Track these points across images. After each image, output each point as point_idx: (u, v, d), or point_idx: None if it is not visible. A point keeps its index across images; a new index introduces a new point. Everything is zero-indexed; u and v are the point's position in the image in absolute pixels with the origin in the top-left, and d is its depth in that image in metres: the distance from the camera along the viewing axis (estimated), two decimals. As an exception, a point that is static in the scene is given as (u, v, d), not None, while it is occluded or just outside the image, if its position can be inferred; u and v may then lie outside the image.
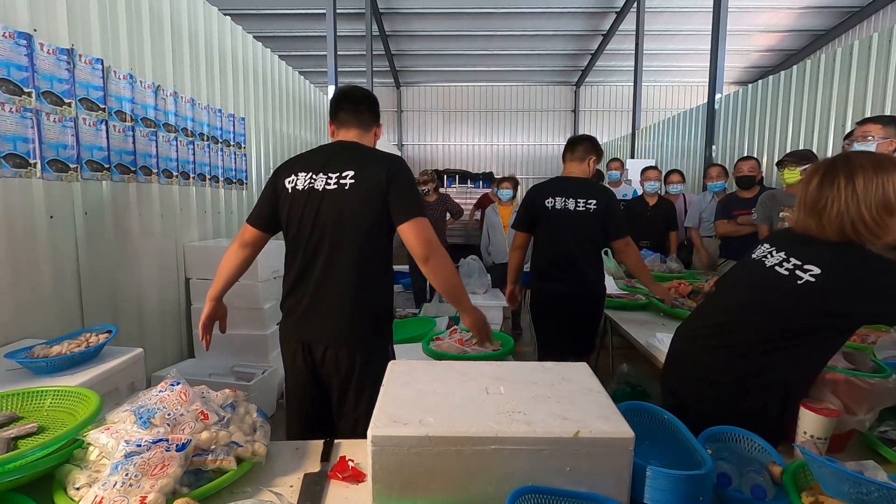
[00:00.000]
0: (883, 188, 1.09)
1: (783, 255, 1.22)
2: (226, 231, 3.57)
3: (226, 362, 2.95)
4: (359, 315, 1.51)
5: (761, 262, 1.27)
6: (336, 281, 1.48)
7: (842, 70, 3.74)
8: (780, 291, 1.18)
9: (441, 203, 4.77)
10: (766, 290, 1.23)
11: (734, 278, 1.42)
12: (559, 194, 2.47)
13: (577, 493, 0.83)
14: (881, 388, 1.13)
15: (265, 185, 1.65)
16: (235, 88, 3.69)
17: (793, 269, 1.17)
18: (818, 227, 1.16)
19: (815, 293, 1.11)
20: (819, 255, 1.14)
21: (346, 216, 1.46)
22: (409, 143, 13.29)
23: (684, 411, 1.12)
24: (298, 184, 1.52)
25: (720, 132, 5.58)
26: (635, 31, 8.39)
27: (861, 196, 1.10)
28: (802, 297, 1.13)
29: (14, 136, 1.91)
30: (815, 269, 1.12)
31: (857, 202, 1.10)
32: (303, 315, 1.53)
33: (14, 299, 1.91)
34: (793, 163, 2.85)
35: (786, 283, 1.16)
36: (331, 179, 1.48)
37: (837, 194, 1.13)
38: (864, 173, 1.11)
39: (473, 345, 1.90)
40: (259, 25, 9.01)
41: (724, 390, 1.25)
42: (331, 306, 1.49)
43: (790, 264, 1.18)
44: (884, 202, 1.09)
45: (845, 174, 1.13)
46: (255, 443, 1.01)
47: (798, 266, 1.16)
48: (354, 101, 1.61)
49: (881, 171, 1.10)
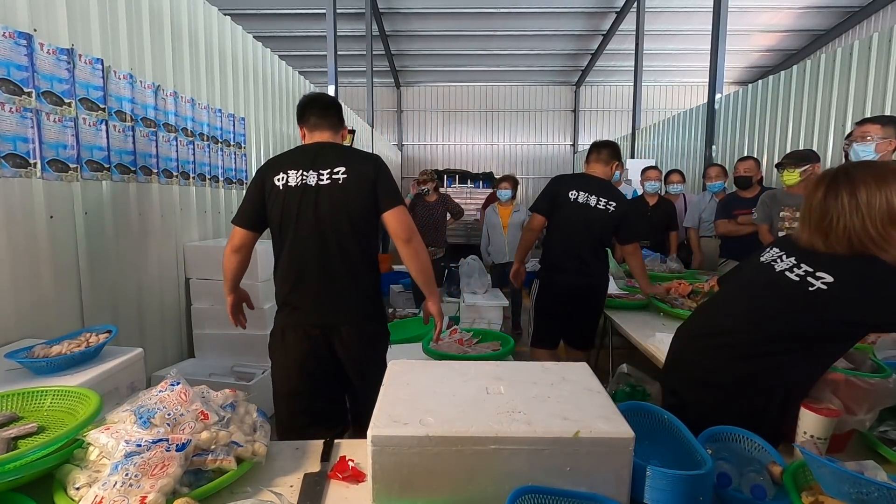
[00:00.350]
0: (887, 201, 1.08)
1: (793, 261, 1.21)
2: (226, 231, 3.56)
3: (226, 362, 2.95)
4: (367, 294, 1.70)
5: (770, 266, 1.27)
6: (346, 265, 1.63)
7: (842, 70, 3.74)
8: (790, 297, 1.17)
9: (441, 203, 4.78)
10: (774, 295, 1.22)
11: (739, 280, 1.42)
12: (584, 189, 2.56)
13: (577, 493, 0.83)
14: (881, 388, 1.13)
15: (250, 184, 1.72)
16: (235, 88, 3.69)
17: (804, 276, 1.16)
18: (825, 244, 1.15)
19: (826, 301, 1.10)
20: (832, 264, 1.14)
21: (342, 206, 1.61)
22: (409, 143, 13.29)
23: (685, 411, 1.12)
24: (290, 180, 1.62)
25: (720, 132, 5.58)
26: (635, 31, 8.39)
27: (865, 211, 1.09)
28: (813, 304, 1.12)
29: (14, 136, 1.91)
30: (828, 278, 1.11)
31: (861, 217, 1.10)
32: (318, 301, 1.63)
33: (14, 299, 1.91)
34: (792, 164, 2.86)
35: (797, 288, 1.16)
36: (322, 175, 1.61)
37: (842, 210, 1.12)
38: (867, 188, 1.10)
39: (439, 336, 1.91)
40: (259, 25, 9.01)
41: (725, 391, 1.25)
42: (344, 289, 1.63)
43: (801, 270, 1.17)
44: (889, 215, 1.08)
45: (847, 189, 1.12)
46: (255, 443, 1.01)
47: (810, 273, 1.15)
48: (323, 106, 1.75)
49: (883, 183, 1.09)
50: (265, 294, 2.99)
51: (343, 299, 1.64)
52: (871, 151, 2.18)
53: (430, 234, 4.70)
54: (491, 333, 2.25)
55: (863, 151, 2.20)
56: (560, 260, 2.61)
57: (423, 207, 4.69)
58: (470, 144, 13.17)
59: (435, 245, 4.74)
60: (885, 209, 1.08)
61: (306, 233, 1.61)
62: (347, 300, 1.64)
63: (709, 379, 1.29)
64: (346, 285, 1.64)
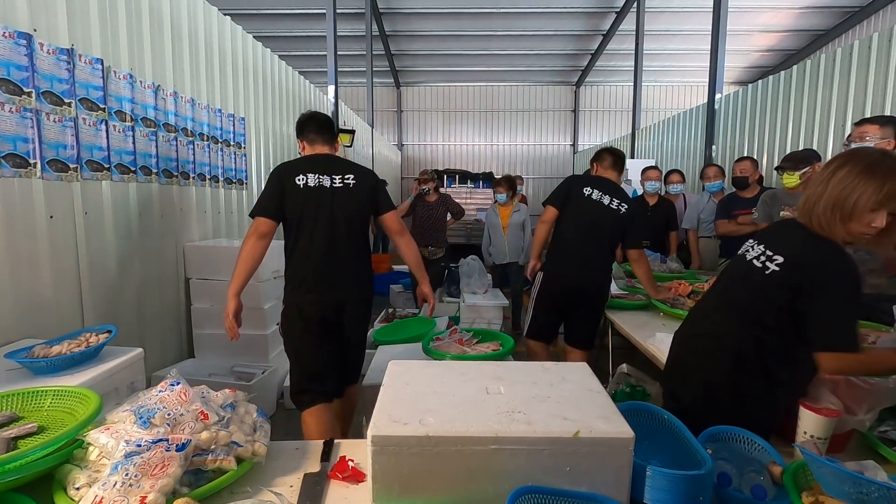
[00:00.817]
0: (851, 190, 1.05)
1: (762, 248, 1.22)
2: (226, 231, 3.56)
3: (226, 362, 2.95)
4: (368, 278, 2.13)
5: (743, 257, 1.29)
6: (355, 253, 2.05)
7: (842, 70, 3.74)
8: (754, 282, 1.18)
9: (442, 203, 4.77)
10: (745, 284, 1.24)
11: (724, 278, 1.43)
12: (598, 188, 2.63)
13: (577, 493, 0.83)
14: (881, 388, 1.13)
15: (269, 183, 1.98)
16: (235, 88, 3.69)
17: (765, 261, 1.17)
18: (811, 218, 1.14)
19: (775, 283, 1.10)
20: (787, 246, 1.13)
21: (353, 207, 2.02)
22: (409, 143, 13.30)
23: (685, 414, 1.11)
24: (310, 182, 1.96)
25: (720, 132, 5.58)
26: (635, 31, 8.38)
27: (829, 189, 1.08)
28: (769, 286, 1.12)
29: (14, 136, 1.91)
30: (780, 259, 1.12)
31: (821, 194, 1.09)
32: (337, 282, 1.99)
33: (14, 299, 1.91)
34: (791, 167, 2.86)
35: (759, 274, 1.17)
36: (335, 179, 2.00)
37: (820, 181, 1.11)
38: (852, 169, 1.07)
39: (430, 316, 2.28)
40: (259, 25, 9.01)
41: (719, 389, 1.25)
42: (355, 272, 2.05)
43: (763, 256, 1.19)
44: (839, 203, 1.06)
45: (840, 163, 1.10)
46: (255, 443, 1.01)
47: (769, 257, 1.16)
48: (319, 124, 2.11)
49: (866, 174, 1.05)
50: (265, 294, 2.99)
51: (349, 279, 2.02)
52: None
53: (430, 233, 4.69)
54: (491, 333, 2.24)
55: None
56: (567, 252, 2.63)
57: (423, 207, 4.69)
58: (470, 144, 13.16)
59: (435, 245, 4.73)
60: (841, 195, 1.06)
61: (323, 224, 1.96)
62: (353, 280, 2.04)
63: (705, 379, 1.29)
64: (353, 268, 2.03)
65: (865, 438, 1.19)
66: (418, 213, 4.67)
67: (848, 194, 1.05)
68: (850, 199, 1.05)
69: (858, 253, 2.18)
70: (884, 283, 2.16)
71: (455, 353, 1.94)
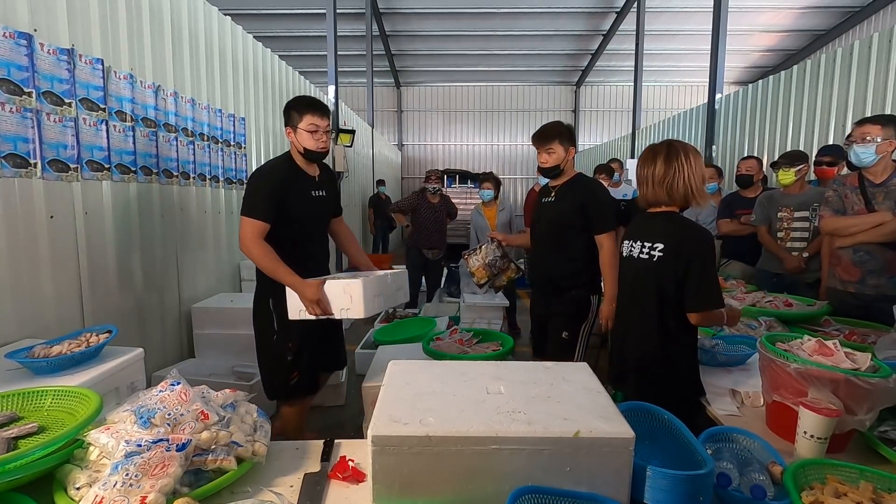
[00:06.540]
0: (699, 165, 1.51)
1: (640, 245, 1.57)
2: (225, 231, 3.57)
3: (226, 362, 2.95)
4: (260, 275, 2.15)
5: (630, 257, 1.61)
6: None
7: (842, 70, 3.74)
8: (646, 272, 1.52)
9: (443, 205, 4.77)
10: (638, 277, 1.56)
11: (623, 281, 1.71)
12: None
13: (577, 493, 0.83)
14: (881, 388, 1.13)
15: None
16: (235, 88, 3.69)
17: (648, 251, 1.53)
18: (668, 195, 1.50)
19: (663, 265, 1.47)
20: (659, 234, 1.51)
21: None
22: (409, 143, 13.30)
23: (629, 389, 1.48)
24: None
25: (720, 132, 5.59)
26: (635, 31, 8.40)
27: (696, 171, 1.49)
28: (658, 271, 1.48)
29: (14, 136, 1.91)
30: (661, 245, 1.49)
31: (692, 175, 1.48)
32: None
33: (14, 299, 1.91)
34: (787, 164, 2.86)
35: (648, 263, 1.52)
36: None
37: (681, 169, 1.48)
38: (692, 154, 1.51)
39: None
40: (259, 25, 9.03)
41: (649, 363, 1.53)
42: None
43: (645, 248, 1.54)
44: (702, 176, 1.51)
45: (682, 155, 1.49)
46: (256, 443, 1.01)
47: (651, 247, 1.52)
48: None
49: (696, 154, 1.52)
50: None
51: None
52: (871, 152, 2.12)
53: (435, 236, 4.66)
54: (491, 333, 2.24)
55: (863, 152, 2.13)
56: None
57: (427, 209, 4.66)
58: (470, 144, 13.18)
59: (437, 247, 4.72)
60: (701, 171, 1.51)
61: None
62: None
63: (636, 361, 1.57)
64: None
65: (865, 438, 1.18)
66: (423, 215, 4.64)
67: (701, 166, 1.52)
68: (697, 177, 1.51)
69: (858, 253, 2.19)
70: (884, 283, 2.16)
71: (455, 353, 1.94)
